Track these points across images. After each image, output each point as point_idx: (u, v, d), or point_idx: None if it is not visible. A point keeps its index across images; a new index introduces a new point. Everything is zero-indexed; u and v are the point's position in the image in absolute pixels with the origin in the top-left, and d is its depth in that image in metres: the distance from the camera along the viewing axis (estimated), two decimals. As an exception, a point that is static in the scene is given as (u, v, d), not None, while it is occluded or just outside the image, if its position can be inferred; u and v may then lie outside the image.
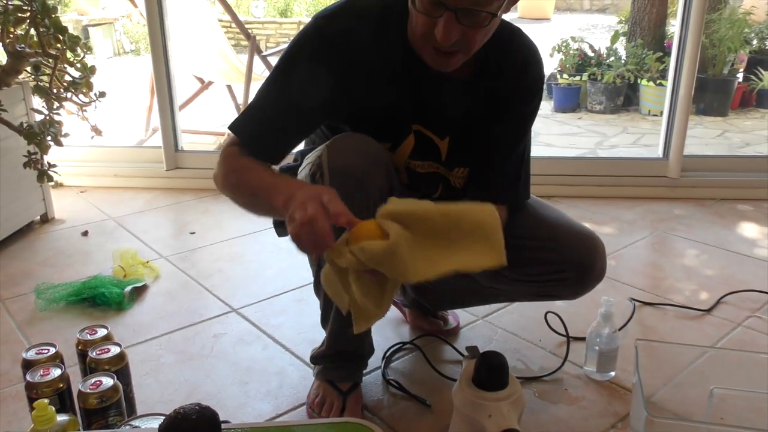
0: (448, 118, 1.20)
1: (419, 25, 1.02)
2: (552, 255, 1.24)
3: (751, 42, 5.02)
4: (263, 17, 8.00)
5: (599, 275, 1.28)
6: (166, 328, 1.62)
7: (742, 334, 1.60)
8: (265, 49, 7.58)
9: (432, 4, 0.98)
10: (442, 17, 0.98)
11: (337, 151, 1.10)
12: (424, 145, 1.21)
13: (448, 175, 1.25)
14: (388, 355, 1.49)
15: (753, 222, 2.33)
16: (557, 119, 4.64)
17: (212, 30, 3.62)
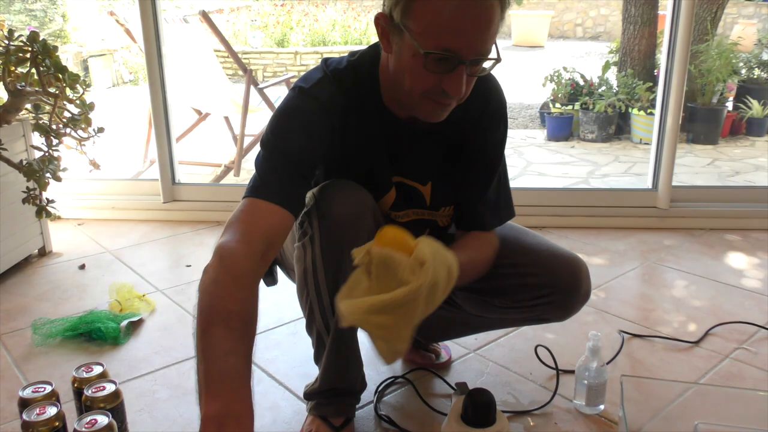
0: (426, 164, 1.25)
1: (424, 82, 1.03)
2: (538, 280, 1.28)
3: (740, 71, 5.11)
4: (260, 47, 8.11)
5: (585, 296, 1.33)
6: (162, 363, 1.64)
7: (729, 366, 1.63)
8: (262, 79, 7.72)
9: (444, 60, 1.00)
10: (454, 71, 1.01)
11: (324, 199, 1.14)
12: (407, 195, 1.25)
13: (435, 216, 1.30)
14: (381, 389, 1.51)
15: (741, 252, 2.36)
16: (550, 148, 4.70)
17: (209, 62, 3.70)
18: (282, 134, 1.13)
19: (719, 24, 6.69)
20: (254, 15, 8.95)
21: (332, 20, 8.68)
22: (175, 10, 9.23)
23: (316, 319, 1.25)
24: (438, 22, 0.98)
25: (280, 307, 1.93)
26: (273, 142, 1.13)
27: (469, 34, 0.98)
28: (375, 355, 1.04)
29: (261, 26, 8.51)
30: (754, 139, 4.83)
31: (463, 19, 0.97)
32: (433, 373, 1.57)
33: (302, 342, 1.72)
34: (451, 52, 0.99)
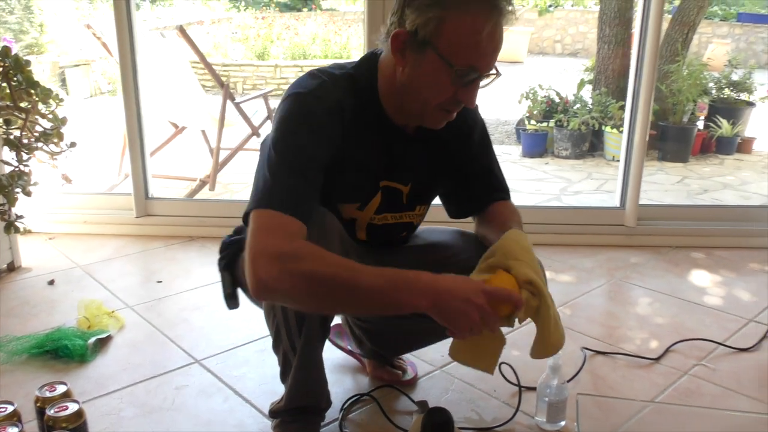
0: (412, 167, 1.33)
1: (444, 93, 1.15)
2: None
3: (711, 91, 5.22)
4: (241, 60, 8.12)
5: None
6: (129, 381, 1.64)
7: (688, 382, 1.67)
8: (242, 91, 7.72)
9: (468, 75, 1.13)
10: (473, 84, 1.14)
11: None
12: (389, 196, 1.33)
13: (411, 217, 1.39)
14: (346, 407, 1.52)
15: (704, 270, 2.42)
16: (525, 164, 4.76)
17: (186, 76, 3.70)
18: (295, 139, 1.16)
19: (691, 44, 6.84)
20: (235, 28, 8.96)
21: (313, 34, 8.73)
22: (156, 20, 9.24)
23: (282, 340, 1.27)
24: (470, 43, 1.11)
25: (250, 323, 1.93)
26: (286, 147, 1.15)
27: (490, 53, 1.14)
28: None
29: (241, 39, 8.52)
30: (723, 157, 4.94)
31: (488, 42, 1.12)
32: (399, 391, 1.60)
33: (270, 359, 1.71)
34: (474, 69, 1.13)
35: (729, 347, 1.84)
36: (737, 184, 4.17)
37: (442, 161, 1.37)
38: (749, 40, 11.36)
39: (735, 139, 5.00)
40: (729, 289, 2.25)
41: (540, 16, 11.71)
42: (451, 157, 1.37)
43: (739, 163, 4.80)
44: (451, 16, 1.10)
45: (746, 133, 5.18)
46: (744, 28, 11.31)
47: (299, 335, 1.24)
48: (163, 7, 10.16)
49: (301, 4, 11.82)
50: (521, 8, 11.76)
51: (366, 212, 1.32)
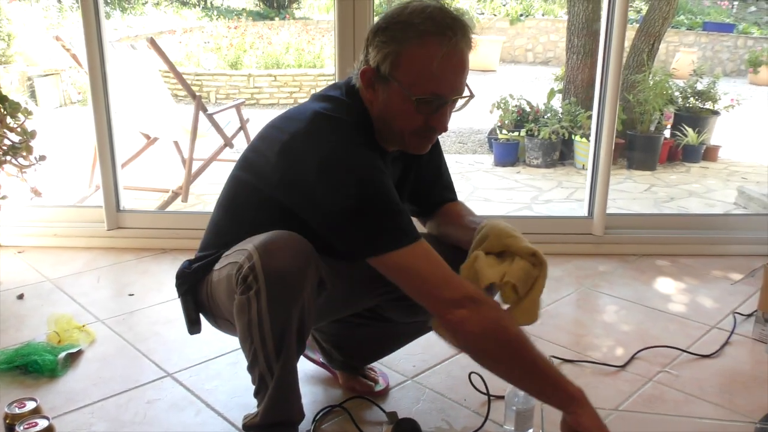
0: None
1: (414, 122, 1.22)
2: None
3: (677, 101, 5.35)
4: (213, 69, 8.09)
5: None
6: (99, 396, 1.64)
7: (652, 389, 1.71)
8: (215, 101, 7.69)
9: (431, 102, 1.18)
10: (441, 110, 1.20)
11: (268, 253, 1.18)
12: None
13: None
14: (318, 418, 1.54)
15: (670, 277, 2.48)
16: (497, 173, 4.83)
17: (158, 87, 3.69)
18: (378, 187, 1.20)
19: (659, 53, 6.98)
20: (207, 37, 8.93)
21: (286, 43, 8.73)
22: (127, 29, 9.17)
23: (259, 363, 1.28)
24: (425, 72, 1.17)
25: (223, 336, 1.93)
26: (379, 188, 1.20)
27: (452, 79, 1.20)
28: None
29: (214, 48, 8.49)
30: (690, 165, 5.06)
31: (445, 68, 1.17)
32: (370, 401, 1.61)
33: (242, 372, 1.71)
34: (438, 96, 1.20)
35: (692, 354, 1.89)
36: (702, 192, 4.27)
37: (413, 174, 1.45)
38: (715, 49, 11.63)
39: (701, 147, 5.13)
40: (693, 297, 2.31)
41: (512, 25, 11.85)
42: (419, 168, 1.46)
43: (705, 171, 4.92)
44: (405, 50, 1.17)
45: (711, 142, 5.32)
46: (710, 36, 11.58)
47: (277, 360, 1.26)
48: (134, 16, 10.08)
49: (274, 13, 11.81)
50: (493, 17, 11.91)
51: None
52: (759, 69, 10.22)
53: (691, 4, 12.81)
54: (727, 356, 1.90)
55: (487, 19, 11.88)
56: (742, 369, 1.83)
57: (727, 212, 3.72)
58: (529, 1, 12.28)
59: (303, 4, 12.75)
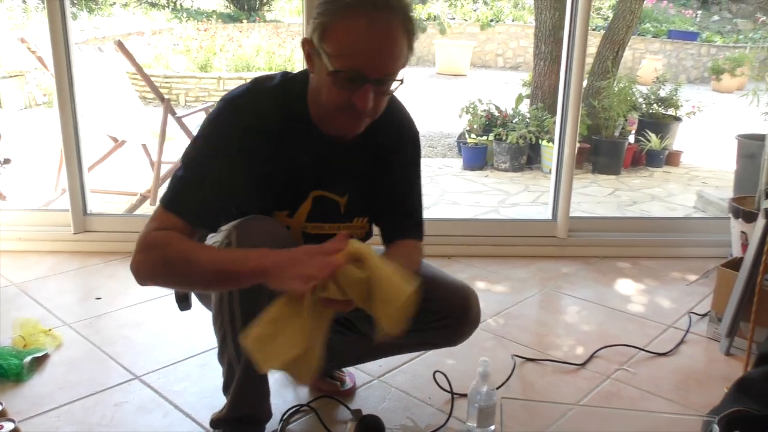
0: (346, 178, 1.36)
1: (336, 97, 1.17)
2: (433, 305, 1.39)
3: (640, 107, 5.48)
4: (183, 71, 8.04)
5: (474, 321, 1.46)
6: (66, 399, 1.64)
7: (610, 386, 1.77)
8: (184, 103, 7.64)
9: (352, 78, 1.14)
10: (361, 88, 1.14)
11: (246, 233, 1.21)
12: (323, 206, 1.35)
13: (350, 228, 1.39)
14: (286, 417, 1.56)
15: (630, 279, 2.56)
16: (466, 177, 4.89)
17: (125, 90, 3.67)
18: (210, 147, 1.23)
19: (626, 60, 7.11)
20: (176, 39, 8.86)
21: (257, 46, 8.71)
22: (95, 30, 9.06)
23: (228, 348, 1.30)
24: (347, 44, 1.13)
25: (191, 338, 1.95)
26: (201, 155, 1.22)
27: (374, 55, 1.14)
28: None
29: (183, 50, 8.44)
30: (653, 169, 5.19)
31: (367, 42, 1.13)
32: (337, 401, 1.64)
33: (211, 374, 1.75)
34: (357, 72, 1.14)
35: (649, 352, 1.96)
36: (664, 196, 4.39)
37: (383, 173, 1.39)
38: (679, 56, 11.91)
39: (663, 152, 5.27)
40: (651, 297, 2.39)
41: (482, 30, 11.97)
42: (389, 168, 1.40)
43: (667, 176, 5.05)
44: (333, 22, 1.14)
45: (674, 147, 5.47)
46: (674, 44, 11.85)
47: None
48: (101, 17, 9.96)
49: (245, 15, 11.77)
50: (464, 22, 12.03)
51: (296, 220, 1.35)
52: (721, 76, 10.48)
53: (656, 13, 13.09)
54: (683, 354, 1.97)
55: (458, 24, 11.99)
56: (696, 367, 1.90)
57: (687, 216, 3.83)
58: (500, 7, 12.42)
59: (274, 7, 12.72)
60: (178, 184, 1.23)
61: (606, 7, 11.68)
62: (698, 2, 14.27)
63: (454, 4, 12.47)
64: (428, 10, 12.14)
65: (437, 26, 11.82)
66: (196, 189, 1.22)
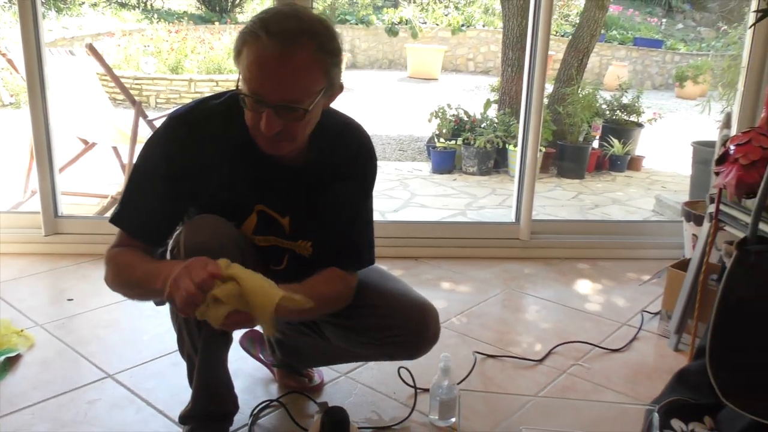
0: (287, 199, 1.39)
1: (249, 119, 1.24)
2: (392, 321, 1.44)
3: (604, 113, 5.65)
4: (154, 73, 8.01)
5: (433, 338, 1.49)
6: (40, 397, 1.68)
7: (565, 380, 1.87)
8: (155, 105, 7.62)
9: (255, 102, 1.19)
10: (263, 112, 1.19)
11: (192, 231, 1.28)
12: (267, 222, 1.39)
13: (293, 246, 1.44)
14: (256, 412, 1.63)
15: (588, 279, 2.67)
16: (434, 180, 4.99)
17: (96, 92, 3.68)
18: (151, 163, 1.30)
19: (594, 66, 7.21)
20: (147, 41, 8.82)
21: (228, 48, 8.72)
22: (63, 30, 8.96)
23: (185, 341, 1.37)
24: (248, 69, 1.18)
25: (163, 338, 1.99)
26: (143, 171, 1.31)
27: (268, 81, 1.17)
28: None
29: (154, 52, 8.40)
30: (615, 174, 5.36)
31: (261, 68, 1.17)
32: (306, 396, 1.71)
33: (182, 372, 1.78)
34: (258, 96, 1.18)
35: (603, 348, 2.06)
36: (625, 200, 4.54)
37: (327, 199, 1.40)
38: (645, 63, 12.20)
39: (626, 157, 5.43)
40: (608, 297, 2.50)
41: (453, 35, 12.13)
42: (335, 197, 1.40)
43: (629, 180, 5.21)
44: (241, 47, 1.19)
45: (636, 152, 5.63)
46: (640, 51, 12.14)
47: (198, 335, 1.34)
48: (70, 17, 9.86)
49: (216, 16, 11.75)
50: (435, 27, 12.17)
51: (244, 231, 1.39)
52: (685, 83, 10.76)
53: (623, 20, 13.39)
54: (634, 350, 2.08)
55: (430, 28, 12.13)
56: (646, 361, 2.01)
57: (646, 219, 3.98)
58: (470, 12, 12.59)
59: (245, 9, 12.72)
60: (122, 198, 1.33)
61: (573, 14, 11.94)
62: (663, 10, 14.63)
63: (425, 9, 12.61)
64: (400, 14, 12.26)
65: (409, 30, 11.95)
66: (137, 204, 1.31)
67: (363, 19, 12.03)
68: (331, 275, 1.39)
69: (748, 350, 1.18)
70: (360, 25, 11.97)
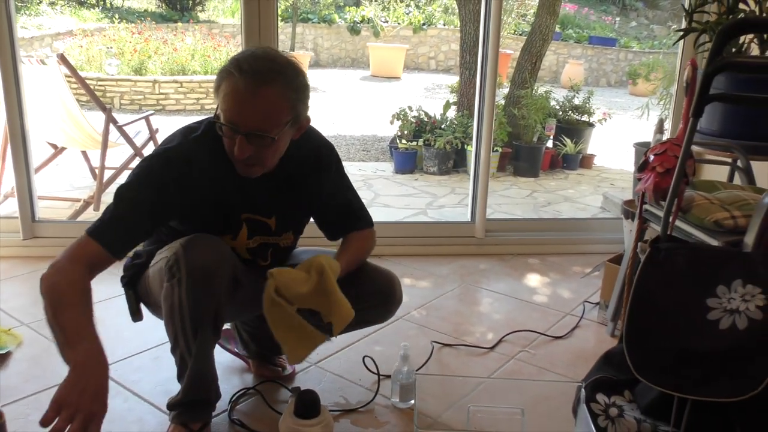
0: (269, 203, 1.62)
1: (227, 144, 1.45)
2: (367, 289, 1.71)
3: (557, 114, 5.92)
4: (117, 74, 8.02)
5: (399, 300, 1.80)
6: (32, 390, 1.82)
7: (513, 365, 2.09)
8: (119, 106, 7.64)
9: (230, 129, 1.40)
10: (235, 139, 1.41)
11: (192, 250, 1.45)
12: (257, 226, 1.62)
13: (278, 240, 1.67)
14: (234, 399, 1.80)
15: (537, 273, 2.90)
16: (397, 180, 5.19)
17: (64, 97, 3.77)
18: (139, 194, 1.47)
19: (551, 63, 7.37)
20: (109, 42, 8.81)
21: (191, 49, 8.77)
22: (21, 30, 8.88)
23: (180, 345, 1.53)
24: (224, 101, 1.38)
25: (144, 335, 2.14)
26: (129, 199, 1.47)
27: (244, 114, 1.38)
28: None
29: (117, 53, 8.40)
30: (569, 172, 5.64)
31: (239, 103, 1.37)
32: (279, 384, 1.89)
33: (164, 365, 1.96)
34: (232, 124, 1.39)
35: (548, 336, 2.29)
36: (576, 197, 4.81)
37: (302, 196, 1.66)
38: (600, 61, 12.58)
39: (578, 156, 5.71)
40: (554, 289, 2.73)
41: (415, 33, 12.31)
42: (311, 191, 1.67)
43: (580, 178, 5.49)
44: (219, 82, 1.40)
45: (588, 151, 5.92)
46: (595, 50, 12.51)
47: (194, 340, 1.51)
48: (28, 16, 9.77)
49: (177, 15, 11.73)
50: (397, 25, 12.35)
51: (239, 241, 1.61)
52: (638, 81, 11.14)
53: (578, 19, 13.78)
54: (576, 337, 2.31)
55: (391, 27, 12.29)
56: (586, 347, 2.24)
57: (593, 216, 4.25)
58: (431, 11, 12.80)
59: (207, 7, 12.71)
60: (106, 216, 1.46)
61: (530, 14, 12.26)
62: (618, 9, 15.07)
63: (387, 8, 12.78)
64: (362, 12, 12.42)
65: (371, 29, 12.11)
66: (121, 225, 1.46)
67: (325, 18, 12.15)
68: (359, 237, 1.75)
69: (655, 334, 1.40)
70: (322, 24, 12.09)
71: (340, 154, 1.76)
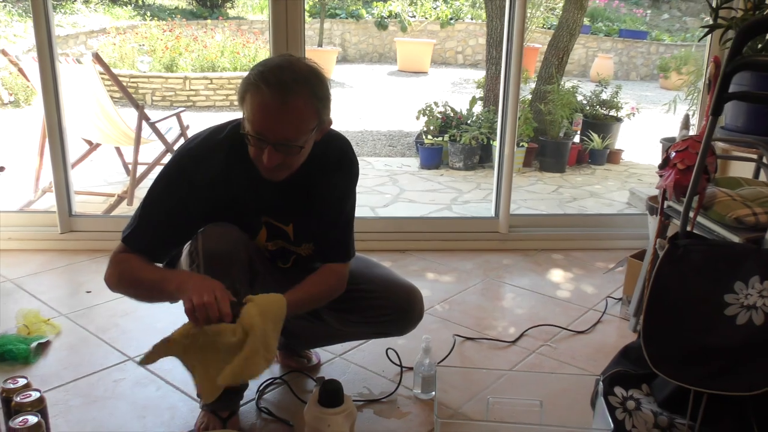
0: (288, 210, 1.64)
1: (253, 153, 1.48)
2: (382, 302, 1.71)
3: (584, 109, 5.89)
4: (149, 71, 8.18)
5: (419, 316, 1.77)
6: (71, 377, 1.91)
7: (534, 359, 2.12)
8: (151, 103, 7.80)
9: (257, 140, 1.43)
10: (263, 149, 1.44)
11: (208, 237, 1.52)
12: (275, 231, 1.65)
13: (297, 249, 1.69)
14: (262, 389, 1.86)
15: (561, 269, 2.91)
16: (422, 176, 5.23)
17: (99, 95, 3.88)
18: (166, 195, 1.54)
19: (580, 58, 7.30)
20: (141, 39, 8.98)
21: (221, 46, 8.89)
22: (57, 28, 9.08)
23: None
24: (251, 113, 1.40)
25: (176, 325, 2.20)
26: (158, 201, 1.54)
27: (269, 124, 1.40)
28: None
29: (149, 51, 8.57)
30: (595, 167, 5.61)
31: (262, 113, 1.39)
32: (305, 374, 1.95)
33: (195, 354, 2.03)
34: (260, 134, 1.41)
35: (570, 330, 2.31)
36: (603, 193, 4.79)
37: (317, 201, 1.63)
38: (630, 54, 12.41)
39: (605, 151, 5.68)
40: (577, 284, 2.75)
41: (442, 28, 12.28)
42: (323, 191, 1.63)
43: (607, 173, 5.46)
44: (245, 93, 1.42)
45: (615, 146, 5.89)
46: (625, 43, 12.34)
47: None
48: (64, 14, 9.99)
49: (207, 12, 11.88)
50: (424, 20, 12.34)
51: (258, 242, 1.65)
52: (669, 74, 10.99)
53: (608, 12, 13.60)
54: (598, 332, 2.33)
55: (419, 22, 12.28)
56: (607, 342, 2.26)
57: (619, 211, 4.23)
58: (458, 5, 12.76)
59: (237, 3, 12.84)
60: (134, 221, 1.55)
61: (560, 7, 12.15)
62: (649, 1, 14.84)
63: (414, 3, 12.76)
64: (389, 7, 12.44)
65: (398, 24, 12.13)
66: (148, 227, 1.54)
67: (353, 14, 12.20)
68: (324, 272, 1.65)
69: (672, 329, 1.42)
70: (350, 19, 12.13)
71: (367, 149, 1.77)
